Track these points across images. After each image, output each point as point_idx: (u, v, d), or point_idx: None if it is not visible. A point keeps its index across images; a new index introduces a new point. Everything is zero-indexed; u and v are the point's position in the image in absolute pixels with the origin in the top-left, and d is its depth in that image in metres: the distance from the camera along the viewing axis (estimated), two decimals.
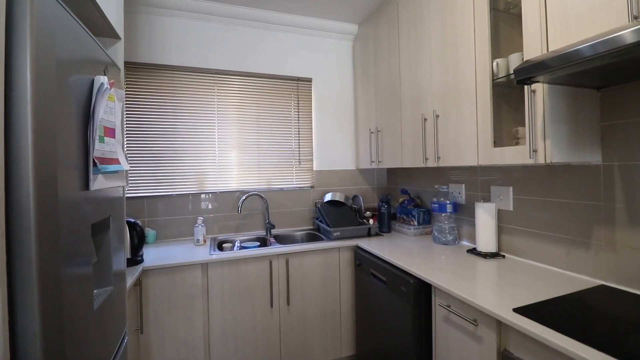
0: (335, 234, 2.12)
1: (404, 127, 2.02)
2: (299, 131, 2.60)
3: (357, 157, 2.73)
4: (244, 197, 2.26)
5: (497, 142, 1.41)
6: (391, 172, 2.78)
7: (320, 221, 2.35)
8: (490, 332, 1.07)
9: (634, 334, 0.86)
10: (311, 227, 2.53)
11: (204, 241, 2.12)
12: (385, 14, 2.23)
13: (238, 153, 2.42)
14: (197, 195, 2.29)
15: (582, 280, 1.27)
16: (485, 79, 1.41)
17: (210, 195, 2.32)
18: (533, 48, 1.19)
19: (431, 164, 1.76)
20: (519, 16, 1.30)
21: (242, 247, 2.16)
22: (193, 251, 1.91)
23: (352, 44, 2.77)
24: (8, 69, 0.60)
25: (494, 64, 1.39)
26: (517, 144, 1.37)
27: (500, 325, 1.04)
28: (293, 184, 2.56)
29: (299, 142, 2.59)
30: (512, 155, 1.28)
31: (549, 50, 1.13)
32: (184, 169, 2.27)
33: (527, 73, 1.02)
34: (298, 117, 2.60)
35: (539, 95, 1.17)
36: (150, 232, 2.09)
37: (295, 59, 2.57)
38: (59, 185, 0.68)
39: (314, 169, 2.62)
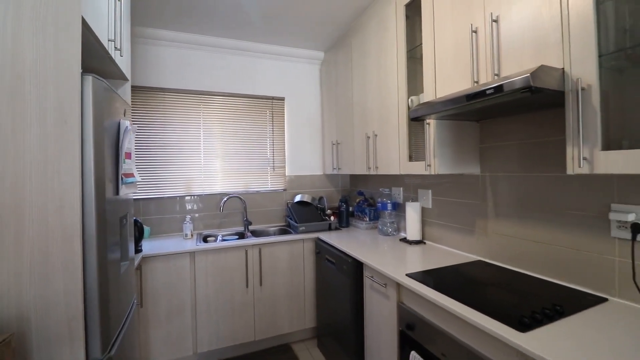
0: (301, 229, 2.59)
1: (355, 141, 2.50)
2: (273, 142, 3.05)
3: (323, 164, 3.21)
4: (225, 199, 2.69)
5: (413, 158, 1.91)
6: (353, 177, 3.27)
7: (290, 218, 2.81)
8: (393, 291, 1.55)
9: (486, 290, 1.35)
10: (283, 224, 2.99)
11: (191, 235, 2.54)
12: (342, 48, 2.71)
13: (220, 161, 2.86)
14: (185, 197, 2.71)
15: (468, 257, 1.77)
16: (403, 110, 1.91)
17: (196, 197, 2.74)
18: (428, 93, 1.68)
19: (372, 172, 2.25)
20: None
21: (223, 240, 2.59)
22: (182, 243, 2.33)
23: (320, 68, 3.25)
24: (82, 123, 1.04)
25: (409, 100, 1.88)
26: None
27: (399, 286, 1.53)
28: (268, 187, 3.01)
29: (273, 151, 3.05)
30: (417, 168, 1.78)
31: (437, 96, 1.63)
32: (173, 175, 2.69)
33: (413, 115, 1.51)
34: (272, 130, 3.06)
35: (431, 127, 1.67)
36: (146, 229, 2.49)
37: (270, 81, 3.03)
38: (106, 192, 1.12)
39: (286, 174, 3.08)
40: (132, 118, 2.56)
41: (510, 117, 1.59)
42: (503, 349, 0.99)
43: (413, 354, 1.31)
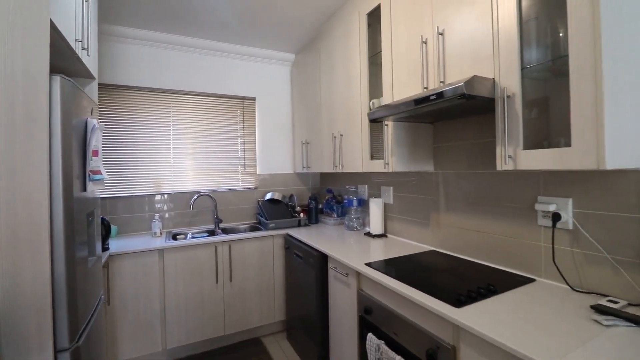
0: (270, 225, 2.67)
1: (323, 141, 2.62)
2: (244, 141, 3.10)
3: (294, 163, 3.30)
4: (195, 197, 2.72)
5: (374, 157, 2.04)
6: (323, 175, 3.38)
7: (261, 216, 2.88)
8: (354, 279, 1.67)
9: (434, 275, 1.49)
10: (254, 221, 3.05)
11: (160, 234, 2.55)
12: (311, 51, 2.82)
13: (191, 159, 2.87)
14: (154, 195, 2.70)
15: (423, 247, 1.93)
16: (366, 112, 2.04)
17: (166, 195, 2.75)
18: (386, 97, 1.82)
19: (339, 170, 2.37)
20: None
21: (193, 238, 2.61)
22: (151, 241, 2.34)
23: (291, 69, 3.33)
24: (50, 122, 1.07)
25: (371, 103, 2.01)
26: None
27: (359, 275, 1.65)
28: (239, 186, 3.06)
29: (244, 150, 3.10)
30: (377, 166, 1.91)
31: (394, 99, 1.77)
32: (142, 173, 2.68)
33: (371, 117, 1.65)
34: (243, 129, 3.11)
35: (389, 128, 1.81)
36: (113, 227, 2.47)
37: (241, 81, 3.08)
38: (73, 188, 1.15)
39: (257, 172, 3.14)
40: (101, 116, 2.53)
41: (459, 120, 1.76)
42: (442, 323, 1.13)
43: (370, 335, 1.44)
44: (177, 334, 2.26)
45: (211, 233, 2.75)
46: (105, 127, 2.56)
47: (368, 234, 2.33)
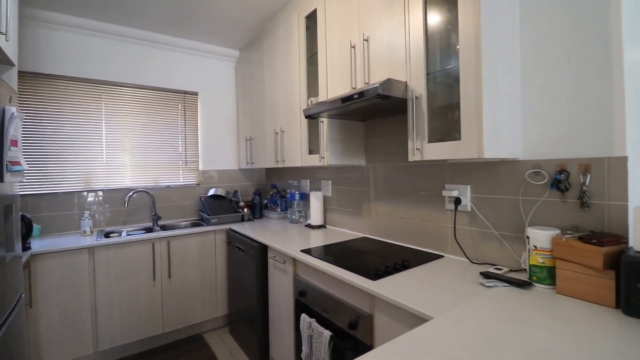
0: (213, 221, 2.67)
1: (267, 137, 2.68)
2: (185, 136, 3.05)
3: (238, 159, 3.31)
4: (130, 194, 2.61)
5: (312, 151, 2.16)
6: (268, 171, 3.44)
7: (203, 212, 2.86)
8: (290, 266, 1.77)
9: (360, 256, 1.64)
10: (196, 218, 3.01)
11: (91, 232, 2.42)
12: (255, 48, 2.87)
13: (128, 155, 2.75)
14: (84, 192, 2.55)
15: (356, 235, 2.10)
16: (304, 109, 2.15)
17: (97, 192, 2.60)
18: (322, 95, 1.95)
19: (280, 164, 2.46)
20: None
21: (128, 236, 2.51)
22: (80, 240, 2.21)
23: (235, 66, 3.34)
24: None
25: (309, 100, 2.13)
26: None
27: (295, 261, 1.76)
28: (180, 182, 3.00)
29: (185, 146, 3.04)
30: (314, 160, 2.04)
31: (328, 97, 1.91)
32: (70, 168, 2.51)
33: (306, 113, 1.76)
34: (185, 125, 3.05)
35: (325, 124, 1.94)
36: (35, 227, 2.29)
37: (183, 75, 3.01)
38: None
39: (200, 168, 3.10)
40: (23, 106, 2.32)
41: (386, 118, 1.95)
42: (361, 296, 1.27)
43: (303, 315, 1.55)
44: (111, 335, 2.17)
45: (149, 231, 2.66)
46: (28, 118, 2.35)
47: (309, 226, 2.45)
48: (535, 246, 1.13)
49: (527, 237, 1.17)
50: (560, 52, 1.19)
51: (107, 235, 2.44)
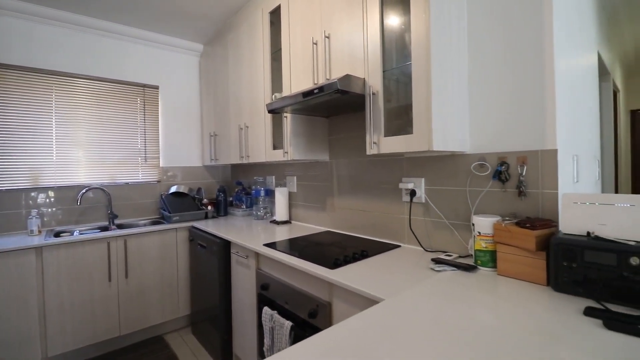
0: (174, 218, 2.59)
1: (231, 133, 2.65)
2: (145, 131, 2.93)
3: (202, 156, 3.24)
4: (83, 191, 2.47)
5: (277, 147, 2.17)
6: (234, 168, 3.39)
7: (164, 210, 2.76)
8: (253, 260, 1.77)
9: (321, 248, 1.67)
10: (156, 216, 2.91)
11: (39, 232, 2.26)
12: (220, 43, 2.82)
13: (81, 150, 2.60)
14: (30, 190, 2.37)
15: (319, 229, 2.13)
16: None
17: (46, 189, 2.44)
18: (285, 90, 1.97)
19: (245, 160, 2.44)
20: None
21: (81, 235, 2.38)
22: (26, 240, 2.06)
23: (199, 60, 3.26)
24: None
25: (274, 96, 2.14)
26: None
27: (257, 255, 1.76)
28: (139, 179, 2.88)
29: (145, 141, 2.92)
30: (278, 155, 2.05)
31: (292, 92, 1.92)
32: (13, 164, 2.33)
33: (268, 108, 1.77)
34: (144, 119, 2.93)
35: (288, 120, 1.96)
36: None
37: (142, 67, 2.89)
38: None
39: (161, 165, 3.00)
40: None
41: (348, 114, 2.00)
42: (321, 284, 1.31)
43: (265, 308, 1.55)
44: (62, 340, 2.04)
45: (104, 230, 2.53)
46: None
47: (274, 222, 2.45)
48: (479, 232, 1.22)
49: (473, 225, 1.26)
50: (502, 58, 1.29)
51: (57, 234, 2.29)
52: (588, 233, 0.97)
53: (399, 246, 1.64)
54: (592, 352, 0.66)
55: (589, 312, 0.82)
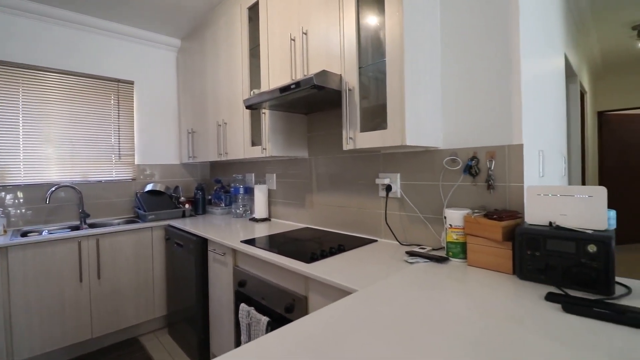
0: (150, 217, 2.52)
1: (209, 129, 2.61)
2: (119, 128, 2.84)
3: (180, 153, 3.17)
4: (52, 189, 2.37)
5: (255, 143, 2.16)
6: (212, 166, 3.34)
7: (139, 208, 2.69)
8: (230, 257, 1.75)
9: (300, 244, 1.67)
10: (131, 216, 2.83)
11: (4, 232, 2.16)
12: (197, 38, 2.77)
13: (51, 147, 2.49)
14: None
15: (299, 226, 2.13)
16: None
17: (13, 188, 2.32)
18: (264, 86, 1.96)
19: (223, 157, 2.41)
20: None
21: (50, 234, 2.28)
22: None
23: (177, 55, 3.19)
24: None
25: (252, 92, 2.12)
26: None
27: (235, 252, 1.74)
28: (112, 177, 2.79)
29: (119, 138, 2.84)
30: (257, 152, 2.04)
31: (270, 88, 1.91)
32: None
33: (246, 104, 1.76)
34: (119, 115, 2.84)
35: (266, 116, 1.95)
36: None
37: (116, 62, 2.81)
38: None
39: (136, 163, 2.91)
40: None
41: (326, 112, 2.01)
42: (297, 278, 1.31)
43: (242, 305, 1.54)
44: (29, 344, 1.95)
45: (75, 229, 2.44)
46: None
47: (253, 219, 2.43)
48: (450, 225, 1.25)
49: (445, 218, 1.29)
50: (472, 59, 1.33)
51: (24, 234, 2.19)
52: (550, 223, 1.02)
53: (375, 241, 1.67)
54: (552, 334, 0.70)
55: (549, 297, 0.86)
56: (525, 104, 1.23)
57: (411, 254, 1.34)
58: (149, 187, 2.81)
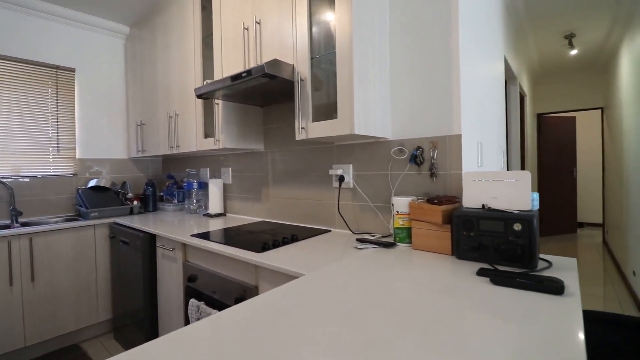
0: (92, 215, 2.35)
1: (160, 122, 2.49)
2: (57, 119, 2.61)
3: (128, 147, 2.99)
4: None
5: (207, 135, 2.09)
6: (165, 161, 3.18)
7: (81, 206, 2.49)
8: (179, 252, 1.68)
9: (253, 237, 1.64)
10: (73, 214, 2.61)
11: None
12: (147, 25, 2.63)
13: None
14: None
15: (255, 220, 2.10)
16: None
17: None
18: (217, 76, 1.90)
19: (174, 151, 2.31)
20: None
21: None
22: None
23: (125, 43, 3.00)
24: None
25: (205, 82, 2.05)
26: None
27: (185, 246, 1.67)
28: (50, 172, 2.56)
29: (57, 130, 2.61)
30: (210, 144, 1.98)
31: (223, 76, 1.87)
32: None
33: (197, 93, 1.70)
34: (57, 105, 2.61)
35: (219, 107, 1.90)
36: None
37: (55, 47, 2.58)
38: None
39: (78, 157, 2.70)
40: None
41: (282, 104, 2.00)
42: (248, 269, 1.29)
43: (191, 300, 1.49)
44: None
45: (5, 228, 2.20)
46: None
47: (207, 215, 2.35)
48: (397, 211, 1.30)
49: (392, 205, 1.34)
50: (419, 56, 1.40)
51: None
52: (483, 205, 1.10)
53: (329, 231, 1.69)
54: (481, 302, 0.75)
55: (480, 272, 0.93)
56: (464, 97, 1.31)
57: (361, 241, 1.37)
58: (92, 183, 2.62)
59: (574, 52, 4.02)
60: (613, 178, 4.11)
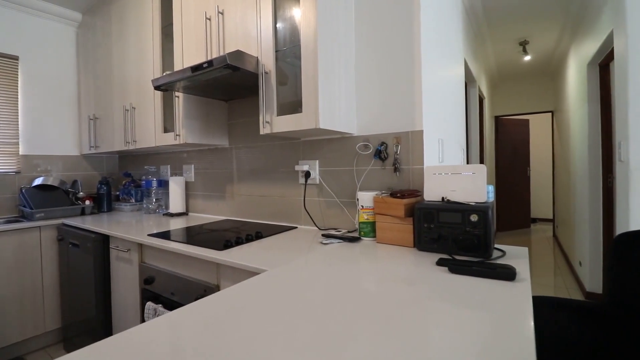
0: (38, 215, 2.15)
1: (115, 115, 2.33)
2: None
3: (80, 143, 2.78)
4: None
5: (167, 130, 1.99)
6: (121, 159, 3.00)
7: (24, 206, 2.28)
8: (136, 254, 1.58)
9: (215, 235, 1.57)
10: (15, 215, 2.39)
11: None
12: (101, 13, 2.46)
13: None
14: None
15: (218, 218, 2.03)
16: None
17: None
18: (177, 67, 1.81)
19: (131, 146, 2.17)
20: None
21: None
22: None
23: (77, 31, 2.79)
24: None
25: (165, 74, 1.95)
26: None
27: (141, 247, 1.57)
28: None
29: None
30: (170, 139, 1.88)
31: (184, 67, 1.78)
32: None
33: (154, 84, 1.61)
34: None
35: (180, 100, 1.81)
36: None
37: None
38: None
39: (21, 153, 2.47)
40: None
41: (247, 99, 1.95)
42: (209, 268, 1.23)
43: (148, 303, 1.40)
44: None
45: None
46: None
47: (168, 214, 2.24)
48: (362, 206, 1.31)
49: (357, 200, 1.34)
50: (383, 54, 1.42)
51: None
52: (442, 198, 1.13)
53: (295, 227, 1.67)
54: (440, 289, 0.77)
55: (439, 262, 0.95)
56: (426, 95, 1.34)
57: (327, 236, 1.36)
58: (37, 182, 2.40)
59: (527, 58, 4.29)
60: (562, 176, 4.44)
